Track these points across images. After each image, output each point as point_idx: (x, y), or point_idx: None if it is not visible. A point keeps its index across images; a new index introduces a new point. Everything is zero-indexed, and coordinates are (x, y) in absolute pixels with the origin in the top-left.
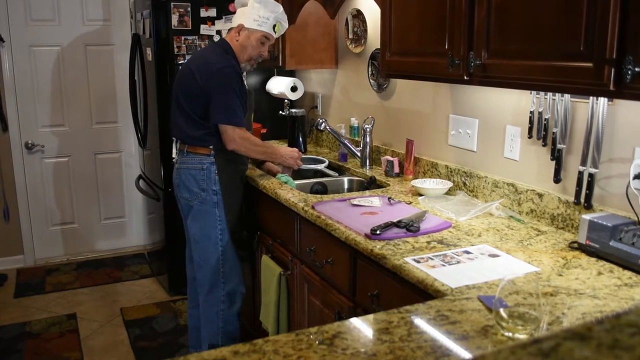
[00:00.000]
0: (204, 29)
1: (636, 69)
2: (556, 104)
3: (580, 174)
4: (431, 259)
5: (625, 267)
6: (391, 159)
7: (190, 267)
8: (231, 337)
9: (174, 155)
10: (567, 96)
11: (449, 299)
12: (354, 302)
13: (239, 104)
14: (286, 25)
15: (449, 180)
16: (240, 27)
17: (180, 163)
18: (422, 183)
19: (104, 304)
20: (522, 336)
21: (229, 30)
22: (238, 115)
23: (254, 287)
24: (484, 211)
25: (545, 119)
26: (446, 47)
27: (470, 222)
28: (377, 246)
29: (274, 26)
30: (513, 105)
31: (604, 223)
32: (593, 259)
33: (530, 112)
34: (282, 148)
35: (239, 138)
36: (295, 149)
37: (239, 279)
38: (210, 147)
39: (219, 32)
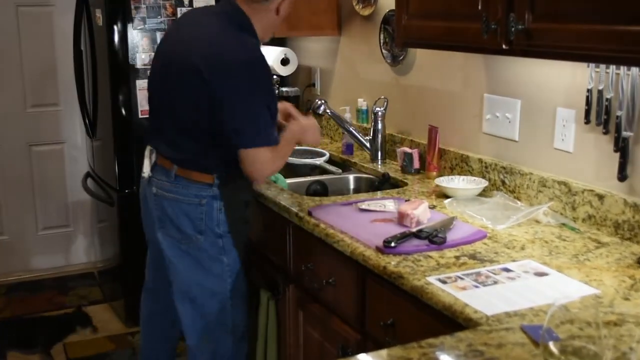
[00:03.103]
0: None
1: None
2: (621, 80)
3: None
4: (461, 278)
5: None
6: (409, 151)
7: (149, 297)
8: None
9: (144, 170)
10: (634, 70)
11: (483, 329)
12: (362, 333)
13: (269, 111)
14: None
15: (484, 178)
16: None
17: (163, 189)
18: (449, 182)
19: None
20: None
21: None
22: (272, 128)
23: None
24: (529, 217)
25: (607, 100)
26: (479, 7)
27: (511, 232)
28: (391, 262)
29: None
30: (566, 82)
31: None
32: None
33: (588, 91)
34: (299, 125)
35: (272, 160)
36: (314, 122)
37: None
38: (215, 175)
39: None
